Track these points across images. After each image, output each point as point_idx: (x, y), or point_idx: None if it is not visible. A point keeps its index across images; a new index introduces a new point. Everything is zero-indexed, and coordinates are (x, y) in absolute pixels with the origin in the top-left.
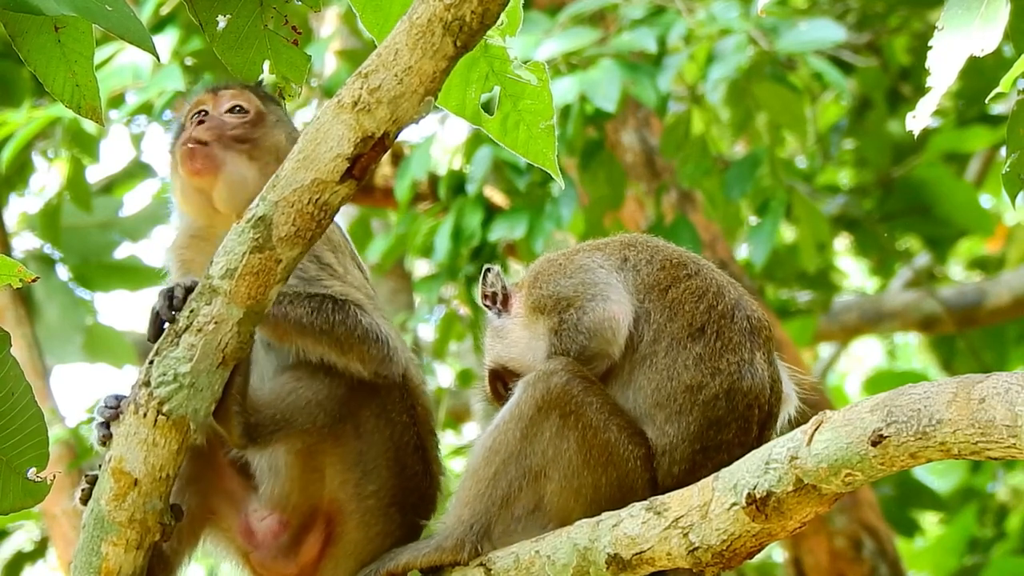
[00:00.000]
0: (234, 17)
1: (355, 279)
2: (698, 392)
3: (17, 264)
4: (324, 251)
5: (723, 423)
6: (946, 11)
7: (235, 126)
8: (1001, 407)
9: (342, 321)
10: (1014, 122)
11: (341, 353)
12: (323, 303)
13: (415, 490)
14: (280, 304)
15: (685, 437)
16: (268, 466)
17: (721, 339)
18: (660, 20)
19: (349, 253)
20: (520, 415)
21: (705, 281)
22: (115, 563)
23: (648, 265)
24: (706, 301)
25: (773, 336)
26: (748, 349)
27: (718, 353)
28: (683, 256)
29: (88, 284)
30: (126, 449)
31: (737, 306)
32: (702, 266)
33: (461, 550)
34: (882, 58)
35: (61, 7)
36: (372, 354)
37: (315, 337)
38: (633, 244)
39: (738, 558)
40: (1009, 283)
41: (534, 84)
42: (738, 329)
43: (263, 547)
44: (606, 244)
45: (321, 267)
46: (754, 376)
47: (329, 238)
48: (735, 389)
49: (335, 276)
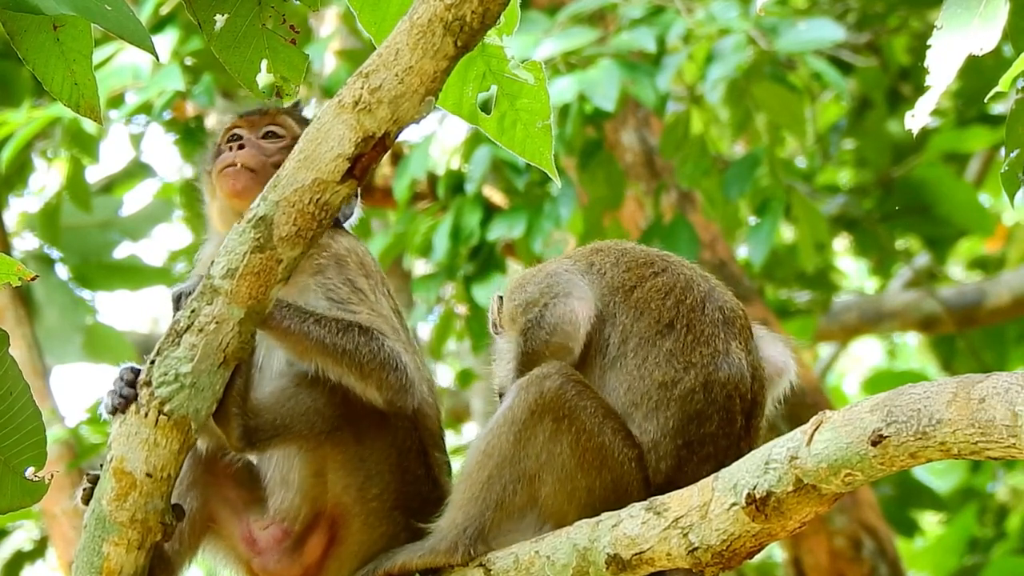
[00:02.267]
0: (232, 16)
1: (383, 308)
2: (672, 387)
3: (16, 263)
4: (359, 276)
5: (704, 416)
6: (945, 10)
7: (273, 152)
8: (1001, 407)
9: (365, 344)
10: (1013, 121)
11: (360, 378)
12: (350, 327)
13: (418, 494)
14: (304, 321)
15: (666, 433)
16: (272, 476)
17: (692, 332)
18: (659, 20)
19: (381, 281)
20: (513, 419)
21: (672, 277)
22: (116, 563)
23: (613, 268)
24: (673, 296)
25: (749, 324)
26: (722, 340)
27: (689, 347)
28: (650, 255)
29: (88, 284)
30: (127, 449)
31: (708, 298)
32: (671, 263)
33: (455, 552)
34: (882, 58)
35: (60, 6)
36: (390, 382)
37: (336, 358)
38: (600, 249)
39: (738, 558)
40: (1009, 283)
41: (531, 83)
42: (710, 321)
43: (266, 553)
44: (575, 252)
45: (353, 291)
46: (731, 366)
47: (364, 264)
48: (711, 381)
49: (364, 302)
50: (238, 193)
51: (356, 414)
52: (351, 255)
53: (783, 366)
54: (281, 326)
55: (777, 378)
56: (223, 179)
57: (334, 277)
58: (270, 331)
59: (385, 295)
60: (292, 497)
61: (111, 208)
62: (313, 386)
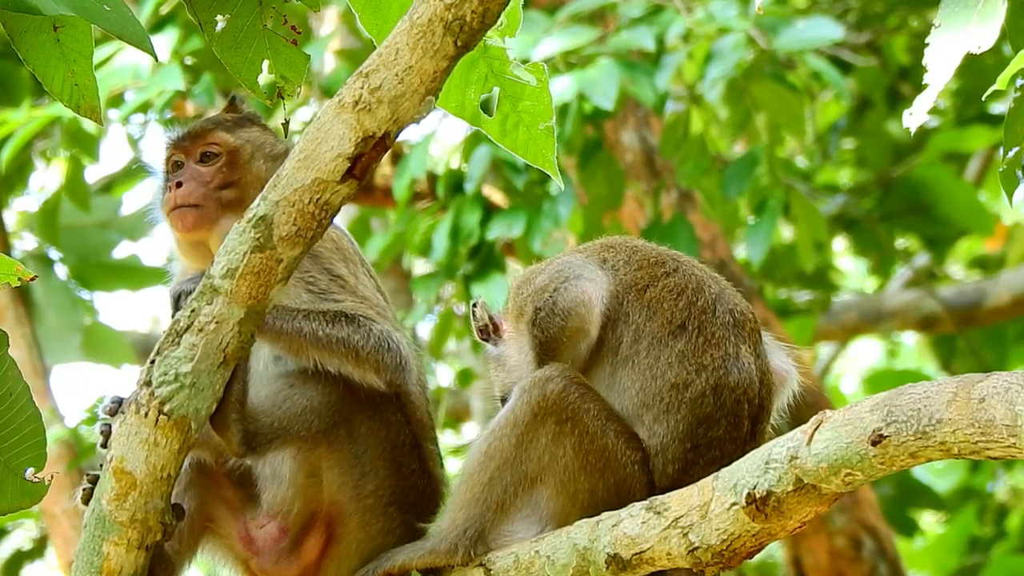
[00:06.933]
0: (233, 17)
1: (366, 289)
2: (684, 390)
3: (15, 263)
4: (336, 262)
5: (712, 420)
6: (943, 9)
7: (212, 176)
8: (1001, 407)
9: (355, 332)
10: (1011, 119)
11: (357, 364)
12: (337, 316)
13: (413, 488)
14: (294, 319)
15: (675, 436)
16: (267, 474)
17: (703, 335)
18: (658, 19)
19: (360, 262)
20: (516, 421)
21: (684, 278)
22: (116, 563)
23: (626, 266)
24: (685, 298)
25: (759, 328)
26: (732, 343)
27: (701, 349)
28: (661, 255)
29: (87, 284)
30: (127, 449)
31: (719, 300)
32: (681, 263)
33: (455, 554)
34: (881, 57)
35: (59, 7)
36: (387, 363)
37: (331, 350)
38: (612, 246)
39: (738, 558)
40: (1009, 283)
41: (533, 85)
42: (720, 323)
43: (264, 553)
44: (585, 247)
45: (332, 279)
46: (740, 370)
47: (340, 248)
48: (721, 385)
49: (346, 288)
50: (190, 230)
51: (351, 410)
52: (325, 242)
53: (786, 375)
54: (274, 328)
55: (780, 387)
56: (172, 220)
57: (311, 269)
58: (264, 335)
59: (366, 274)
60: (285, 491)
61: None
62: (307, 386)
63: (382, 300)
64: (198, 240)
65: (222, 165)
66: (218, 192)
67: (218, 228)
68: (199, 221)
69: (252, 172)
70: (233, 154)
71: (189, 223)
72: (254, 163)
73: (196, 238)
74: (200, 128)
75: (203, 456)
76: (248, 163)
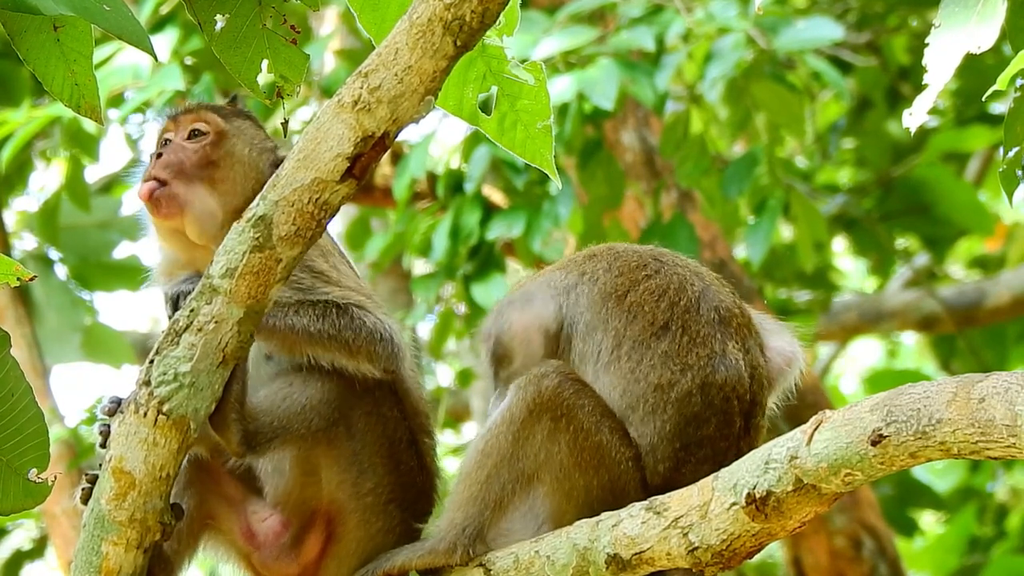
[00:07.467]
0: (232, 16)
1: (350, 280)
2: (669, 390)
3: (15, 263)
4: (315, 258)
5: (701, 418)
6: (943, 9)
7: (194, 151)
8: (1001, 407)
9: (347, 324)
10: (1011, 119)
11: (351, 356)
12: (327, 309)
13: (412, 485)
14: (285, 316)
15: (663, 436)
16: (268, 467)
17: (688, 334)
18: (658, 19)
19: (338, 254)
20: (511, 418)
21: (665, 279)
22: (115, 563)
23: (606, 273)
24: (667, 298)
25: (748, 322)
26: (719, 340)
27: (686, 348)
28: (643, 258)
29: (87, 284)
30: (126, 448)
31: (703, 298)
32: (664, 263)
33: (454, 553)
34: (881, 57)
35: (59, 7)
36: (379, 352)
37: (324, 344)
38: (594, 255)
39: (738, 558)
40: (1009, 283)
41: (531, 84)
42: (705, 321)
43: (265, 548)
44: (569, 261)
45: (315, 276)
46: (728, 368)
47: (317, 243)
48: (708, 383)
49: (330, 282)
50: (163, 216)
51: (349, 406)
52: None
53: (791, 355)
54: (267, 326)
55: (786, 368)
56: (145, 203)
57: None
58: (258, 333)
59: (345, 265)
60: (286, 483)
61: (110, 208)
62: (306, 383)
63: (366, 287)
64: (172, 226)
65: (207, 144)
66: (194, 169)
67: (189, 214)
68: (169, 201)
69: (235, 157)
70: (220, 135)
71: (161, 204)
72: (238, 147)
73: (170, 223)
74: (194, 105)
75: (203, 453)
76: (233, 148)
